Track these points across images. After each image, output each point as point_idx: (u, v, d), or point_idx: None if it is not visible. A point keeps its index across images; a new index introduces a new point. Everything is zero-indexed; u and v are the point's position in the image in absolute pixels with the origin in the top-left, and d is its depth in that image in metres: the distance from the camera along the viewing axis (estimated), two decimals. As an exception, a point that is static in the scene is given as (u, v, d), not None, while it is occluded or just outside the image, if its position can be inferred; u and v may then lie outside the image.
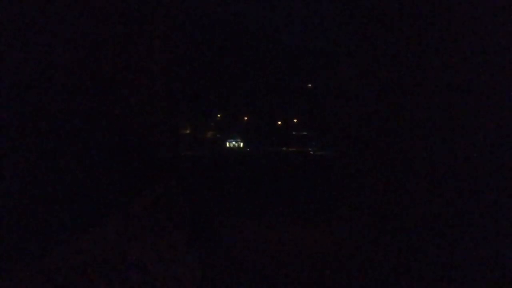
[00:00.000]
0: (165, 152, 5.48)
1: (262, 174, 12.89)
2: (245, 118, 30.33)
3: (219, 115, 31.24)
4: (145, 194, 3.27)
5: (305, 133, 24.31)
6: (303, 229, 6.76)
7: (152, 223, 3.02)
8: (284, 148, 19.96)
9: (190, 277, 3.09)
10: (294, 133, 25.38)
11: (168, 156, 5.49)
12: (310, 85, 30.45)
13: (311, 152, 19.73)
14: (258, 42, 32.50)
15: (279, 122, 28.18)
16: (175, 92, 7.00)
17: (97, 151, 3.74)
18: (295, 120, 28.42)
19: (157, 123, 5.91)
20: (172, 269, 2.82)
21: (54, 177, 3.04)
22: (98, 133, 4.02)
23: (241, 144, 24.25)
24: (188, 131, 23.61)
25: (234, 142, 24.42)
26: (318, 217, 7.57)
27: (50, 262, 1.90)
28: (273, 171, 13.15)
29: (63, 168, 3.27)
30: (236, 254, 4.98)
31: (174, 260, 2.95)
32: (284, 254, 5.22)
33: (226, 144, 24.08)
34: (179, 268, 2.94)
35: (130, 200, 3.03)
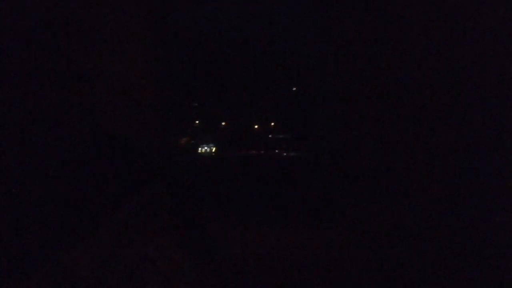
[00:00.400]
0: (154, 157, 5.40)
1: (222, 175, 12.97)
2: (223, 124, 30.27)
3: (197, 122, 31.15)
4: (134, 200, 3.19)
5: (281, 136, 24.26)
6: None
7: (143, 228, 2.96)
8: (253, 151, 19.92)
9: (184, 280, 3.04)
10: (270, 136, 25.36)
11: (157, 162, 5.37)
12: (294, 89, 30.52)
13: (284, 154, 19.73)
14: (237, 46, 32.52)
15: (256, 126, 28.15)
16: (164, 97, 7.12)
17: (85, 158, 3.59)
18: (272, 124, 28.37)
19: (146, 129, 5.94)
20: (165, 273, 2.79)
21: (40, 186, 2.92)
22: (85, 139, 3.88)
23: (213, 149, 24.18)
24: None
25: (206, 148, 24.34)
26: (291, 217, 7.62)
27: (43, 275, 1.90)
28: (231, 171, 13.25)
29: (49, 176, 3.15)
30: (230, 255, 4.91)
31: (167, 264, 2.90)
32: (276, 256, 5.25)
33: (198, 150, 23.97)
34: (172, 272, 2.89)
35: (119, 206, 2.96)
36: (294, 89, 30.25)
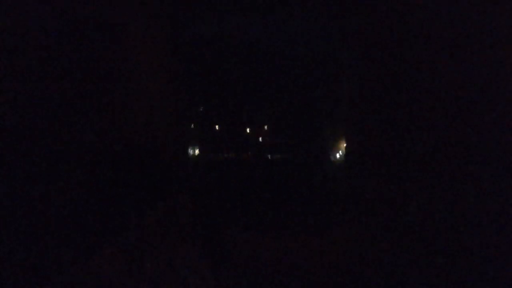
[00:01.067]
0: (175, 165, 5.35)
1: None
2: (217, 127, 30.10)
3: (192, 125, 30.99)
4: (157, 208, 3.27)
5: (271, 139, 23.95)
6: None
7: (165, 236, 3.06)
8: (229, 154, 19.64)
9: (203, 285, 3.13)
10: (260, 139, 25.10)
11: (178, 170, 5.36)
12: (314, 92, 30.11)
13: (268, 156, 19.46)
14: (234, 50, 32.41)
15: (248, 130, 27.91)
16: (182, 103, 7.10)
17: (108, 166, 3.60)
18: (265, 127, 28.08)
19: (170, 138, 5.90)
20: (185, 278, 2.88)
21: (62, 193, 2.91)
22: (107, 146, 3.81)
23: (196, 152, 23.97)
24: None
25: (189, 150, 24.06)
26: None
27: (70, 276, 1.95)
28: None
29: (72, 184, 3.14)
30: (246, 262, 4.95)
31: (186, 269, 3.00)
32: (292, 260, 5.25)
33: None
34: (191, 277, 2.99)
35: (143, 214, 3.03)
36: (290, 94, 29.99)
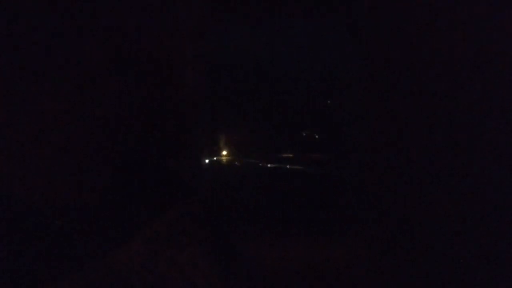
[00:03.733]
0: (187, 172, 4.83)
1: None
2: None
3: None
4: (168, 213, 3.29)
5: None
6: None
7: (175, 240, 3.11)
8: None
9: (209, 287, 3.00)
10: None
11: (191, 176, 4.92)
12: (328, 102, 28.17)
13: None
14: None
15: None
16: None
17: (122, 170, 3.66)
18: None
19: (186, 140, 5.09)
20: (193, 282, 2.91)
21: (78, 195, 2.99)
22: (121, 149, 3.77)
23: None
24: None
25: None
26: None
27: (80, 277, 2.06)
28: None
29: (87, 186, 3.20)
30: (255, 267, 4.48)
31: (195, 273, 3.00)
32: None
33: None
34: (200, 281, 2.96)
35: (154, 218, 3.11)
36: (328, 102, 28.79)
